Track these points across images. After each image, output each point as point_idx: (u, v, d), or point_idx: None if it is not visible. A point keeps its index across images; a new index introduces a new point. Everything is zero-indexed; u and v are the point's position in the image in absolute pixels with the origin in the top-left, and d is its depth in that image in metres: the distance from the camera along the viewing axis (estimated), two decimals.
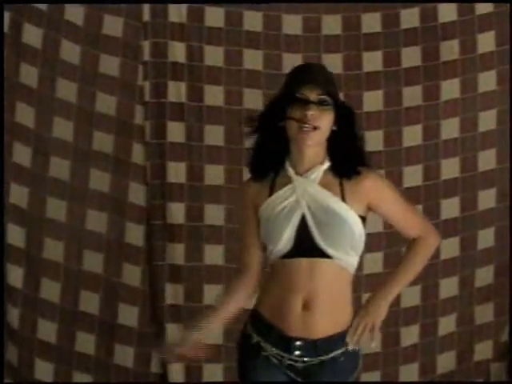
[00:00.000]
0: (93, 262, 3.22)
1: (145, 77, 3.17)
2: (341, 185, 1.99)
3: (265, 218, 1.99)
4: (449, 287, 3.25)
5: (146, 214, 3.22)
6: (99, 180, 3.20)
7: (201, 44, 3.16)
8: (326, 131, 1.97)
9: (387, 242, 3.17)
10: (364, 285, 3.07)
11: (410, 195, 3.08)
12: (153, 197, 3.22)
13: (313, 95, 1.95)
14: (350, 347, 1.97)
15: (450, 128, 3.20)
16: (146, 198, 3.22)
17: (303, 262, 1.95)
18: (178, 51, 3.16)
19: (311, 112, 1.93)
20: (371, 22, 3.18)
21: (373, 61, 3.16)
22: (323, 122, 1.95)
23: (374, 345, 1.96)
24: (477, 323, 3.28)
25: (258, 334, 2.00)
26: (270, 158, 2.01)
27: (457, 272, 3.25)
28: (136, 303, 3.23)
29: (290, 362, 1.96)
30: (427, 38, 3.15)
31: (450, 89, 3.17)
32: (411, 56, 3.16)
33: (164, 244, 3.22)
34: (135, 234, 3.22)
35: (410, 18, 3.16)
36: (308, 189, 1.98)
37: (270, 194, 2.00)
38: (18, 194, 3.18)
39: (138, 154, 3.20)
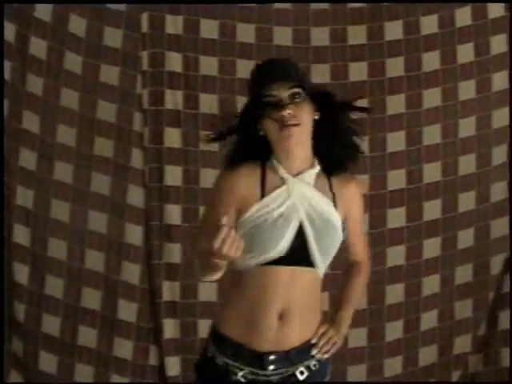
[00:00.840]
0: (94, 260, 3.24)
1: (143, 85, 3.20)
2: (331, 188, 1.88)
3: (256, 223, 1.81)
4: (431, 285, 3.29)
5: (144, 215, 3.24)
6: (100, 183, 3.22)
7: (196, 54, 3.18)
8: (308, 124, 1.83)
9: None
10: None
11: (394, 198, 3.18)
12: (151, 199, 3.24)
13: (283, 92, 1.80)
14: (318, 356, 1.90)
15: (432, 134, 3.25)
16: (145, 199, 3.24)
17: (285, 271, 1.81)
18: (174, 61, 3.18)
19: (288, 111, 1.79)
20: (357, 32, 3.22)
21: (359, 71, 3.21)
22: (302, 117, 1.81)
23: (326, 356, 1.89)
24: (456, 318, 3.33)
25: (224, 356, 1.83)
26: (256, 153, 1.86)
27: (438, 270, 3.30)
28: (135, 299, 3.25)
29: (264, 379, 1.83)
30: (410, 50, 3.20)
31: (432, 97, 3.22)
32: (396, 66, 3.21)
33: (161, 244, 3.24)
34: (134, 234, 3.24)
35: (394, 28, 3.21)
36: (306, 193, 1.83)
37: (262, 191, 1.83)
38: (24, 196, 3.21)
39: (136, 158, 3.22)
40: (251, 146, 1.85)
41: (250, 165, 1.84)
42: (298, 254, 1.81)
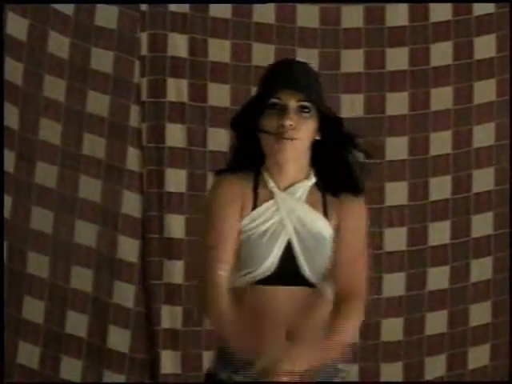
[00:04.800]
0: (81, 279, 3.16)
1: (142, 73, 3.12)
2: (323, 201, 1.86)
3: (245, 238, 1.83)
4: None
5: (141, 226, 3.18)
6: (90, 188, 3.15)
7: (205, 36, 3.12)
8: (306, 142, 1.83)
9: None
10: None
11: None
12: (149, 207, 3.18)
13: (292, 101, 1.79)
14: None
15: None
16: (142, 208, 3.17)
17: (282, 291, 1.82)
18: (178, 44, 3.11)
19: (289, 122, 1.78)
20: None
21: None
22: (303, 132, 1.80)
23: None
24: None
25: (232, 374, 1.82)
26: (248, 163, 1.87)
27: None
28: (128, 326, 3.17)
29: None
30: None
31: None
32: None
33: (161, 261, 3.17)
34: (129, 249, 3.17)
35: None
36: (295, 209, 1.84)
37: (254, 203, 1.84)
38: None
39: (133, 159, 3.15)
40: (245, 150, 1.87)
41: (243, 174, 1.87)
42: (290, 272, 1.83)
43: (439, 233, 3.15)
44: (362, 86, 3.10)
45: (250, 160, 1.87)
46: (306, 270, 1.82)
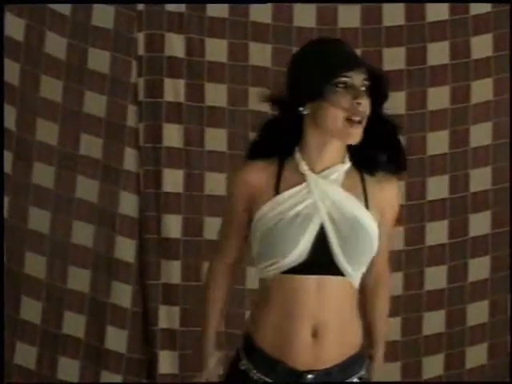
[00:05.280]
0: (78, 279, 3.14)
1: (139, 73, 3.11)
2: (363, 187, 1.81)
3: (269, 225, 1.77)
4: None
5: (138, 226, 3.17)
6: (87, 188, 3.13)
7: (201, 36, 3.10)
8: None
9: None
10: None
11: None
12: (146, 208, 3.16)
13: (360, 81, 1.74)
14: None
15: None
16: (139, 208, 3.16)
17: (311, 281, 1.76)
18: (175, 44, 3.10)
19: (362, 100, 1.73)
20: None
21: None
22: (368, 111, 1.76)
23: None
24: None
25: (258, 371, 1.81)
26: (278, 145, 1.82)
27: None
28: (126, 326, 3.15)
29: None
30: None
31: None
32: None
33: (158, 261, 3.15)
34: (126, 249, 3.16)
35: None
36: (329, 192, 1.78)
37: (277, 188, 1.78)
38: None
39: (130, 159, 3.13)
40: (284, 130, 1.80)
41: (266, 159, 1.82)
42: (322, 260, 1.76)
43: (437, 232, 3.13)
44: None
45: (284, 141, 1.81)
46: (341, 257, 1.75)
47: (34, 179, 3.10)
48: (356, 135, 1.73)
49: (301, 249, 1.74)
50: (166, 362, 3.12)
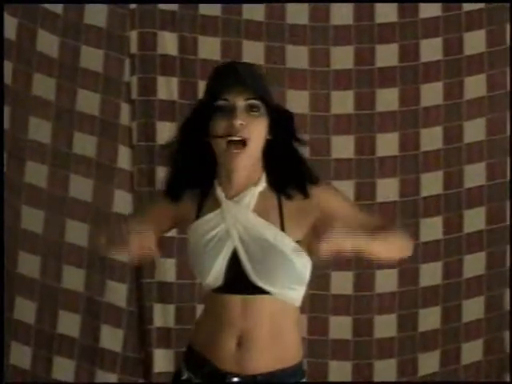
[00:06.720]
0: (73, 278, 3.14)
1: (132, 71, 3.10)
2: (279, 206, 1.83)
3: (192, 245, 1.86)
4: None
5: None
6: (80, 187, 3.13)
7: (194, 34, 3.09)
8: (258, 144, 1.79)
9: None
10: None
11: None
12: None
13: (240, 101, 1.76)
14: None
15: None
16: (133, 207, 3.13)
17: (236, 299, 1.82)
18: (168, 42, 3.09)
19: (239, 121, 1.74)
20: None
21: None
22: (254, 132, 1.76)
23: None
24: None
25: (188, 370, 1.88)
26: (194, 177, 1.86)
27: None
28: (121, 325, 3.15)
29: None
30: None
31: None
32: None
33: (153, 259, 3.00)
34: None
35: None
36: (239, 217, 1.82)
37: (199, 211, 1.86)
38: None
39: (123, 157, 3.12)
40: (196, 160, 1.84)
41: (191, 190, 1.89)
42: (241, 282, 1.82)
43: (431, 229, 3.11)
44: (352, 83, 3.05)
45: (203, 171, 1.84)
46: (255, 278, 1.80)
47: (26, 178, 3.09)
48: (236, 155, 1.74)
49: (216, 272, 1.80)
50: (162, 361, 3.11)
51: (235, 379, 1.82)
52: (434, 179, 3.10)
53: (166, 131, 3.12)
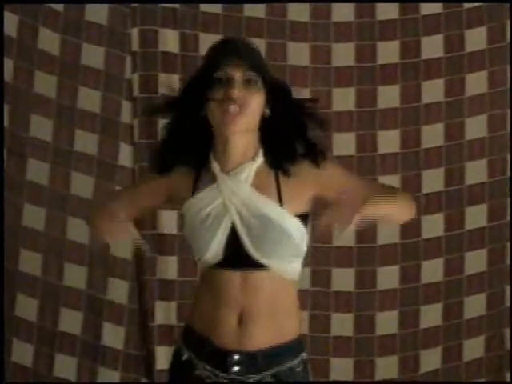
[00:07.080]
0: (75, 276, 3.14)
1: (133, 69, 3.10)
2: (277, 181, 1.82)
3: (189, 222, 1.84)
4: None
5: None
6: (82, 185, 3.12)
7: (195, 32, 3.08)
8: (255, 115, 1.78)
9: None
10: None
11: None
12: None
13: (237, 74, 1.76)
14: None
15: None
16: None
17: (236, 275, 1.82)
18: (169, 40, 3.09)
19: (236, 91, 1.75)
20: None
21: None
22: (251, 103, 1.76)
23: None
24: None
25: (188, 350, 1.87)
26: (189, 152, 1.85)
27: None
28: (122, 322, 3.15)
29: (227, 382, 1.84)
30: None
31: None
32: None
33: (154, 257, 3.14)
34: (122, 245, 3.06)
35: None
36: (237, 192, 1.81)
37: (194, 188, 1.84)
38: None
39: (125, 155, 3.12)
40: (191, 136, 1.83)
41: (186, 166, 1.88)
42: (240, 257, 1.82)
43: (433, 225, 3.11)
44: (354, 80, 3.05)
45: (198, 147, 1.83)
46: (254, 252, 1.80)
47: (28, 175, 3.08)
48: (229, 123, 1.73)
49: (214, 248, 1.80)
50: (164, 358, 3.06)
51: (236, 356, 1.82)
52: (436, 176, 3.09)
53: None
